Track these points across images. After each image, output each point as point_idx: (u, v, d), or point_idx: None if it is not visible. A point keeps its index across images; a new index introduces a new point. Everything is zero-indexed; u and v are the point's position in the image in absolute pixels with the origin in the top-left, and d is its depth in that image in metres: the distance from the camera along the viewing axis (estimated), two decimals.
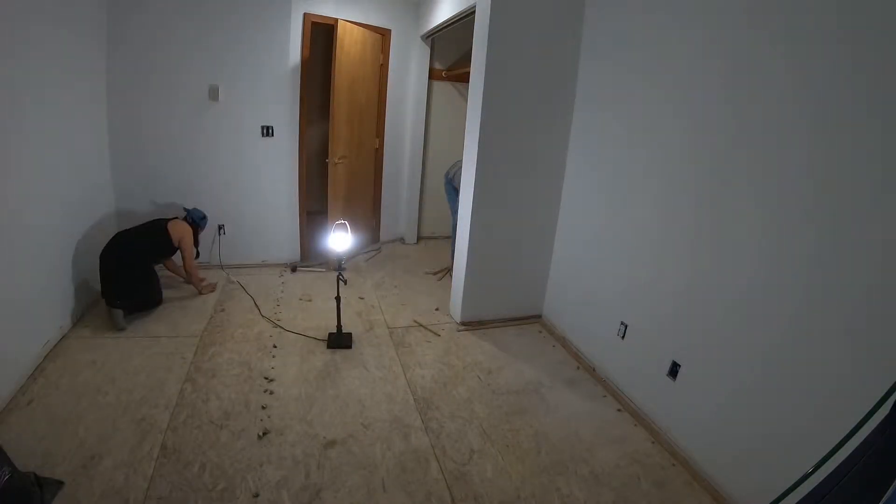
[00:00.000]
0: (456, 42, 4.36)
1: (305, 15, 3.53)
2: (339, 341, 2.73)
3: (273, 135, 3.65)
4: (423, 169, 4.67)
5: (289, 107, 3.64)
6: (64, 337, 2.58)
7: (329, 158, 3.71)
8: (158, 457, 1.81)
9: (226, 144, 3.56)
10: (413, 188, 4.65)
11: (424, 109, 4.46)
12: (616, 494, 1.82)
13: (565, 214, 3.00)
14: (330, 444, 1.96)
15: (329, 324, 2.90)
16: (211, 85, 3.39)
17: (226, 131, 3.53)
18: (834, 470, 0.94)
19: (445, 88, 4.58)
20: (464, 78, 4.15)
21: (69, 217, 2.70)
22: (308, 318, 3.05)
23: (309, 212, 4.09)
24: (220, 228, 3.73)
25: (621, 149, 2.46)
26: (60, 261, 2.58)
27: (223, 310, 3.08)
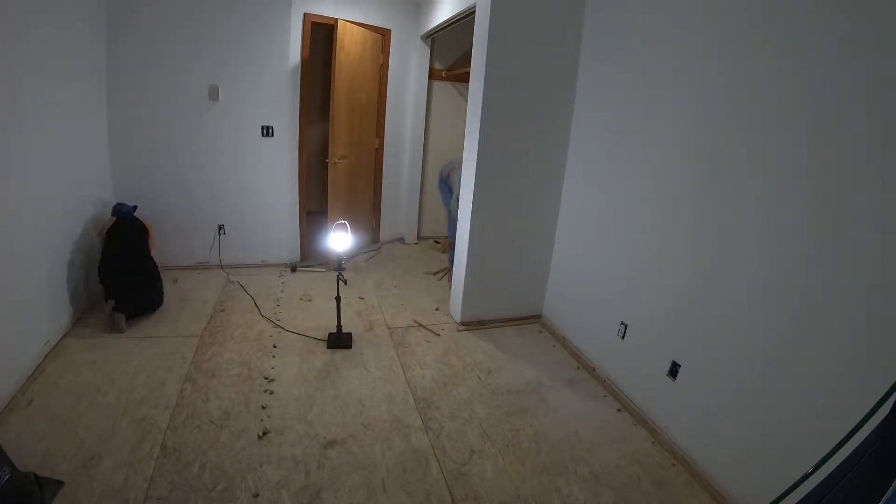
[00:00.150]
0: (456, 42, 4.36)
1: (305, 15, 3.53)
2: (339, 341, 2.73)
3: (273, 135, 3.65)
4: (423, 169, 4.67)
5: (289, 107, 3.64)
6: (64, 337, 2.58)
7: (329, 158, 3.71)
8: (158, 457, 1.81)
9: (226, 144, 3.56)
10: (413, 188, 4.65)
11: (424, 109, 4.46)
12: (616, 494, 1.82)
13: (565, 214, 3.00)
14: (330, 444, 1.96)
15: (329, 324, 2.90)
16: (211, 85, 3.39)
17: (226, 131, 3.53)
18: (834, 470, 0.94)
19: (445, 88, 4.58)
20: (464, 78, 4.15)
21: (69, 217, 2.70)
22: (308, 318, 3.05)
23: (309, 212, 4.09)
24: (220, 228, 3.73)
25: (621, 149, 2.46)
26: (60, 261, 2.58)
27: (223, 310, 3.08)
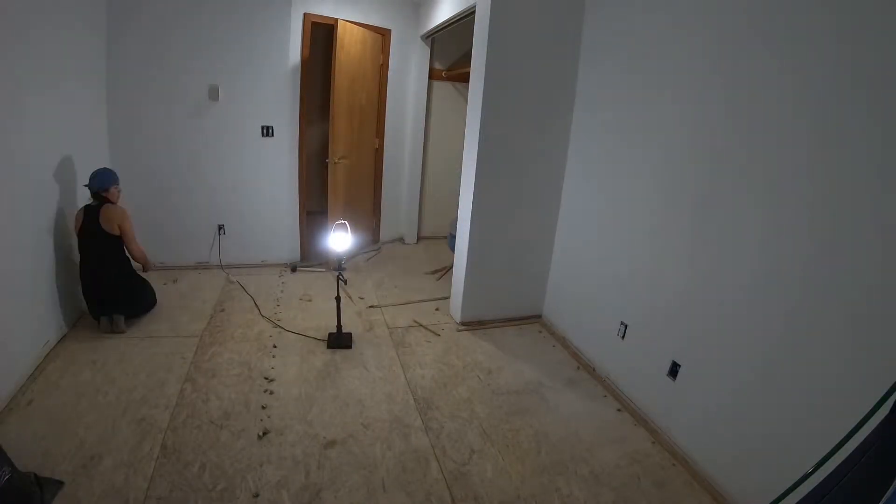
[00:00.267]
0: (456, 42, 4.36)
1: (305, 15, 3.53)
2: (339, 341, 2.73)
3: (273, 135, 3.65)
4: (423, 169, 4.67)
5: (289, 107, 3.65)
6: (64, 337, 2.58)
7: (329, 158, 3.71)
8: (158, 457, 1.81)
9: (226, 144, 3.56)
10: (413, 188, 4.65)
11: (424, 109, 4.46)
12: (616, 494, 1.82)
13: (565, 214, 3.00)
14: (330, 444, 1.96)
15: (329, 324, 2.90)
16: (211, 85, 3.39)
17: (226, 131, 3.53)
18: (834, 470, 0.94)
19: (445, 88, 4.58)
20: (464, 78, 4.15)
21: (69, 217, 2.70)
22: (308, 318, 3.05)
23: (309, 212, 4.09)
24: (220, 228, 3.73)
25: (621, 149, 2.46)
26: (60, 261, 2.57)
27: (223, 310, 3.08)
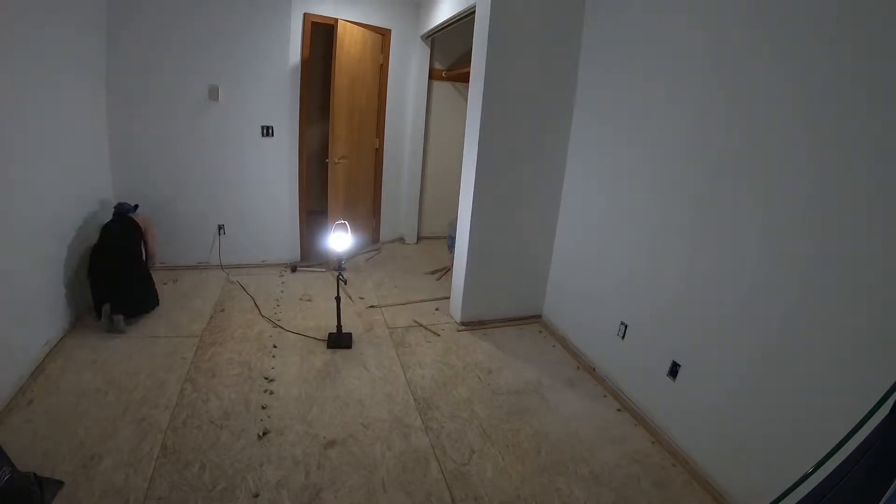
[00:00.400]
0: (456, 42, 4.36)
1: (305, 15, 3.53)
2: (339, 341, 2.73)
3: (273, 135, 3.65)
4: (423, 169, 4.67)
5: (289, 107, 3.64)
6: (64, 337, 2.58)
7: (329, 158, 3.71)
8: (158, 457, 1.81)
9: (226, 144, 3.56)
10: (413, 188, 4.65)
11: (424, 109, 4.46)
12: (616, 494, 1.82)
13: (565, 214, 3.00)
14: (330, 444, 1.96)
15: (329, 324, 2.90)
16: (211, 85, 3.39)
17: (226, 131, 3.53)
18: (834, 470, 0.94)
19: (445, 88, 4.58)
20: (464, 78, 4.14)
21: (69, 217, 2.70)
22: (308, 318, 3.05)
23: (309, 212, 4.09)
24: (220, 228, 3.73)
25: (621, 149, 2.46)
26: (60, 261, 2.58)
27: (223, 310, 3.08)
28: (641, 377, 2.28)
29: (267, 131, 3.63)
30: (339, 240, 2.67)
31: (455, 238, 3.48)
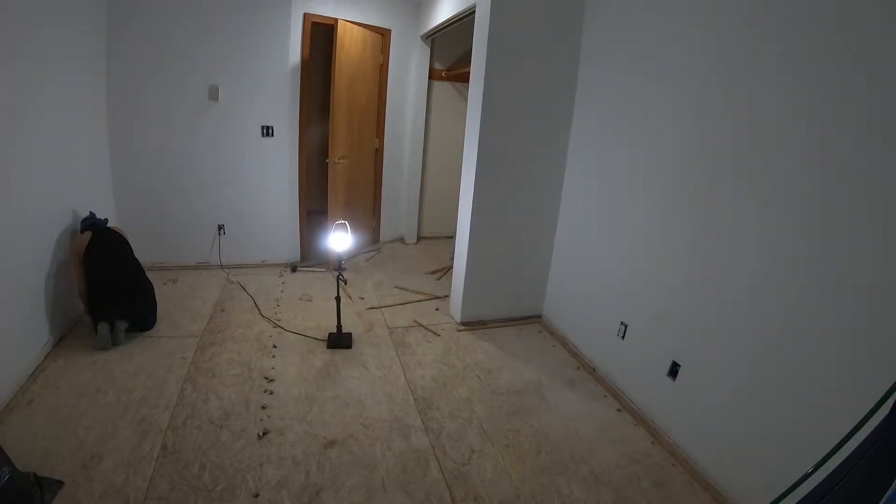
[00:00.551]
0: (456, 42, 4.36)
1: (305, 15, 3.53)
2: (339, 341, 2.73)
3: (273, 135, 3.65)
4: (423, 169, 4.67)
5: (289, 107, 3.65)
6: (64, 337, 2.58)
7: (329, 158, 3.71)
8: (158, 457, 1.81)
9: (226, 144, 3.56)
10: (413, 188, 4.65)
11: (424, 109, 4.47)
12: (616, 494, 1.82)
13: (565, 215, 3.00)
14: (330, 444, 1.96)
15: (329, 324, 2.90)
16: (211, 85, 3.39)
17: (226, 131, 3.53)
18: (834, 470, 0.94)
19: (445, 88, 4.58)
20: (464, 78, 4.15)
21: (69, 217, 2.70)
22: (308, 318, 3.05)
23: (309, 212, 4.09)
24: (220, 228, 3.73)
25: (621, 149, 2.46)
26: (60, 261, 2.57)
27: (223, 310, 3.08)
28: (641, 377, 2.28)
29: (267, 131, 3.63)
30: (339, 240, 2.67)
31: None
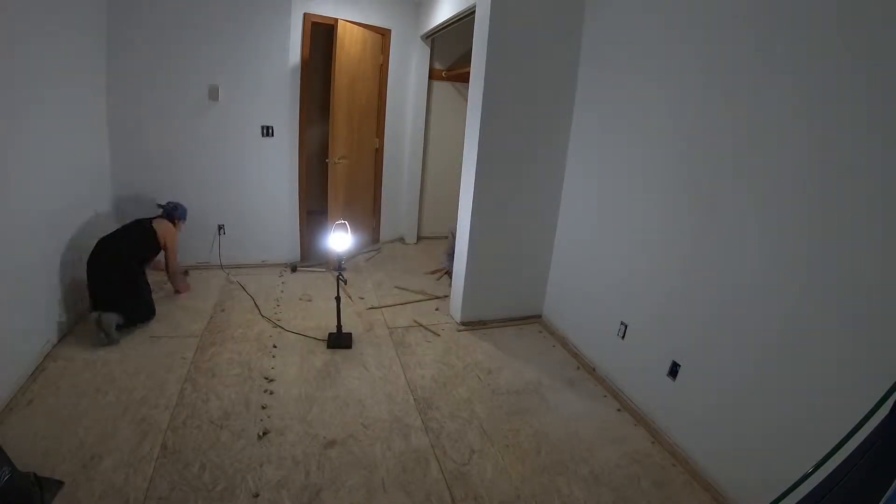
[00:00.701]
0: (456, 42, 4.36)
1: (305, 15, 3.53)
2: (339, 341, 2.73)
3: (273, 135, 3.65)
4: (423, 169, 4.67)
5: (289, 107, 3.65)
6: (64, 337, 2.58)
7: (329, 158, 3.71)
8: (158, 457, 1.81)
9: (226, 144, 3.56)
10: (413, 188, 4.65)
11: (424, 109, 4.47)
12: (616, 494, 1.82)
13: (565, 215, 3.00)
14: (330, 444, 1.96)
15: (329, 324, 2.90)
16: (211, 85, 3.39)
17: (226, 131, 3.53)
18: (834, 470, 0.94)
19: (445, 88, 4.58)
20: (464, 78, 4.15)
21: (69, 217, 2.70)
22: (308, 318, 3.05)
23: (309, 212, 4.09)
24: (220, 228, 3.73)
25: (621, 148, 2.46)
26: (60, 261, 2.57)
27: (223, 310, 3.08)
28: (641, 377, 2.28)
29: (267, 131, 3.63)
30: (339, 240, 2.67)
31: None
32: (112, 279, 2.63)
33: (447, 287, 3.46)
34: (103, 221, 3.12)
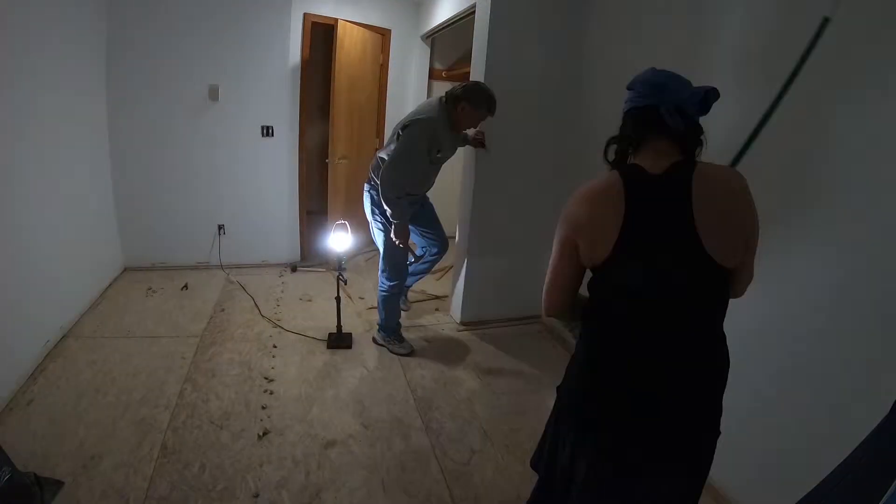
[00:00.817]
0: (456, 42, 4.35)
1: (305, 15, 3.53)
2: (339, 341, 2.73)
3: (273, 135, 3.65)
4: None
5: (289, 107, 3.65)
6: (64, 337, 2.58)
7: (329, 158, 3.71)
8: (158, 457, 1.81)
9: (226, 144, 3.56)
10: None
11: None
12: None
13: None
14: (330, 444, 1.96)
15: (329, 324, 2.90)
16: (211, 85, 3.39)
17: (226, 131, 3.53)
18: (834, 470, 0.93)
19: (445, 88, 4.55)
20: (464, 78, 4.14)
21: (68, 217, 2.70)
22: (308, 318, 3.05)
23: (309, 212, 4.09)
24: (221, 228, 3.73)
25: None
26: (60, 261, 2.58)
27: (223, 310, 3.08)
28: None
29: (267, 131, 3.63)
30: (340, 240, 2.67)
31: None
32: None
33: (447, 287, 3.46)
34: (103, 221, 3.13)
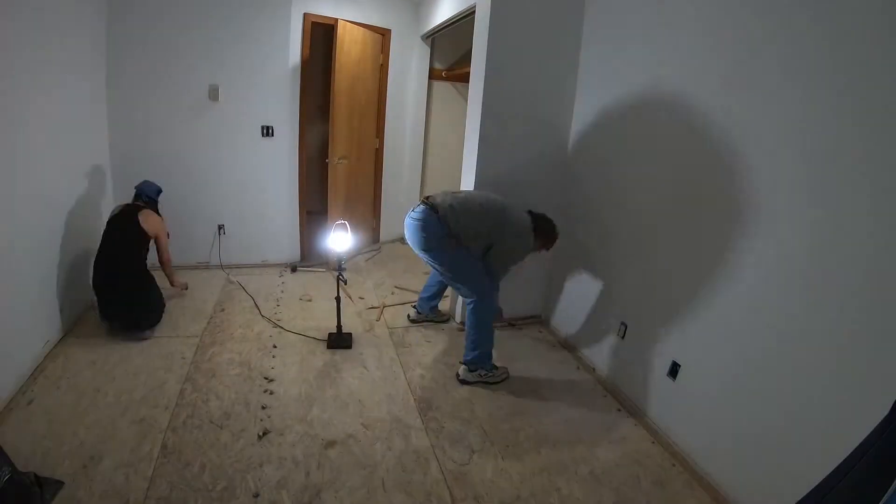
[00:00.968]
0: (456, 42, 4.36)
1: (305, 15, 3.53)
2: (339, 341, 2.73)
3: (273, 135, 3.65)
4: (423, 169, 4.67)
5: (289, 107, 3.65)
6: (64, 337, 2.58)
7: (329, 158, 3.71)
8: (158, 457, 1.81)
9: (225, 144, 3.56)
10: (413, 188, 4.65)
11: (424, 109, 4.47)
12: (616, 494, 1.82)
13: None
14: (330, 444, 1.96)
15: (329, 324, 2.90)
16: (211, 85, 3.39)
17: (226, 131, 3.53)
18: (834, 470, 0.94)
19: (445, 88, 4.58)
20: (464, 78, 4.13)
21: (68, 217, 2.69)
22: (308, 318, 3.05)
23: (309, 212, 4.09)
24: (220, 228, 3.73)
25: (622, 146, 2.45)
26: (59, 261, 2.57)
27: (223, 310, 3.08)
28: (641, 377, 2.28)
29: (267, 131, 3.63)
30: (339, 240, 2.67)
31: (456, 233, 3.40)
32: (117, 287, 2.59)
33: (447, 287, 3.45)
34: (102, 221, 3.12)
